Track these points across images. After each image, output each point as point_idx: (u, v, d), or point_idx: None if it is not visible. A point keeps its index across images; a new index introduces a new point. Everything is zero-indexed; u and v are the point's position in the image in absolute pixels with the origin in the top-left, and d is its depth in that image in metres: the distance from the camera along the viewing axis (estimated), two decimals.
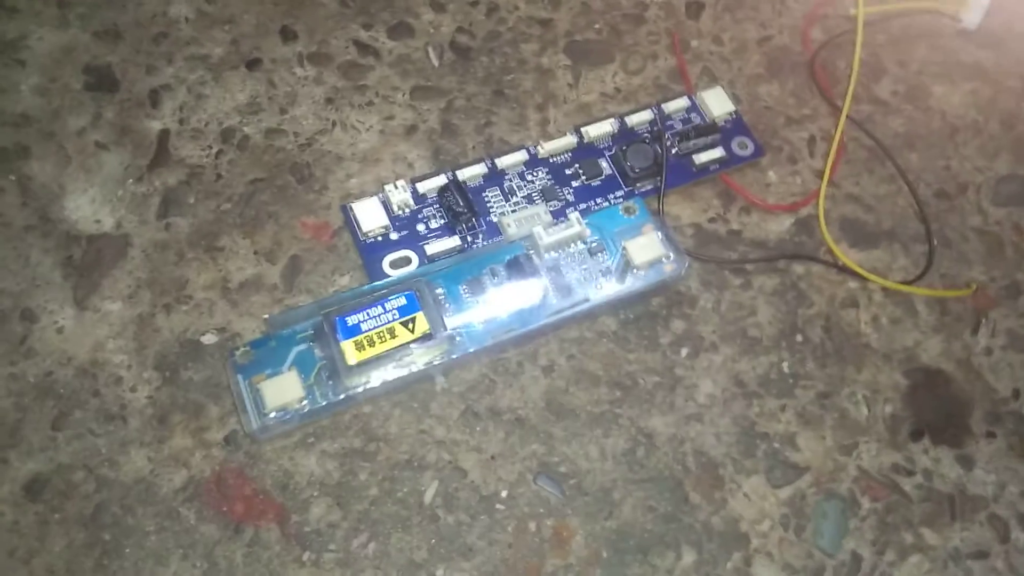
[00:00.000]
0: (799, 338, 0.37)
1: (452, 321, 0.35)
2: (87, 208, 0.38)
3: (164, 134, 0.40)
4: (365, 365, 0.33)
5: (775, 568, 0.34)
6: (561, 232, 0.36)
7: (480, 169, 0.39)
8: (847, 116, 0.41)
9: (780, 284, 0.38)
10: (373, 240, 0.37)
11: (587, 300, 0.36)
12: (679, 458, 0.35)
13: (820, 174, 0.41)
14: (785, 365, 0.37)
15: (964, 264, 0.40)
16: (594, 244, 0.37)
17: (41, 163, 0.39)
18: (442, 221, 0.38)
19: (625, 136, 0.41)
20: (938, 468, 0.36)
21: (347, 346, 0.33)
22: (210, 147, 0.40)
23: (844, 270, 0.39)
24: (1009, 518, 0.35)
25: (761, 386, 0.36)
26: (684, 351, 0.37)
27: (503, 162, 0.39)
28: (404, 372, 0.34)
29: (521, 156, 0.39)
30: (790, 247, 0.39)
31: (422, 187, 0.38)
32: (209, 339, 0.36)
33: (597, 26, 0.44)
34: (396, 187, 0.37)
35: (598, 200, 0.39)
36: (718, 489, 0.35)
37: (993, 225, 0.41)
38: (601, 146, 0.40)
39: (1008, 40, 0.46)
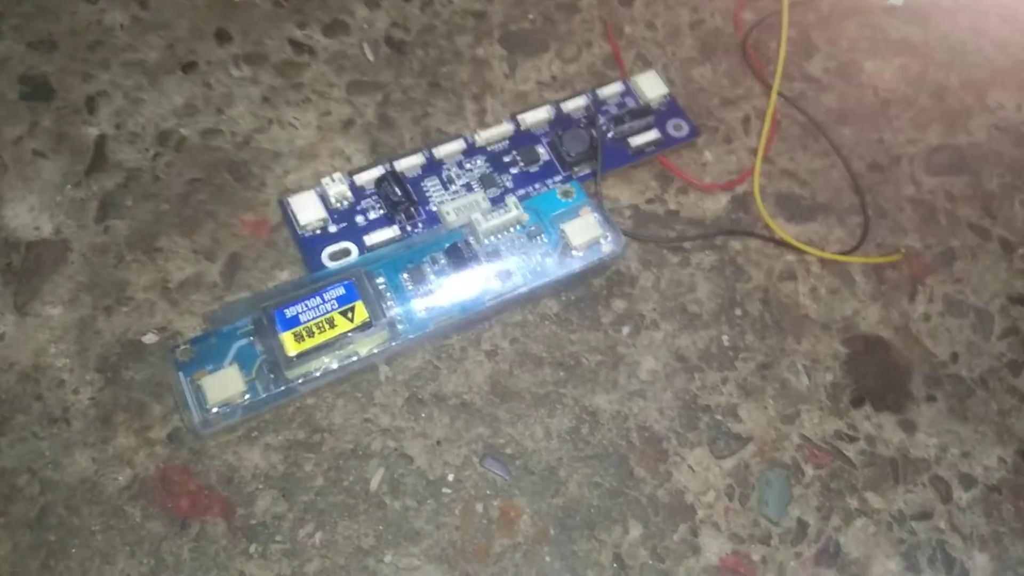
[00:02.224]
0: (738, 312, 0.38)
1: (394, 310, 0.35)
2: (25, 215, 0.38)
3: (101, 139, 0.40)
4: (305, 356, 0.33)
5: (722, 538, 0.34)
6: (499, 217, 0.37)
7: (418, 159, 0.39)
8: (779, 94, 0.42)
9: (718, 260, 0.39)
10: (311, 233, 0.37)
11: (527, 283, 0.36)
12: (623, 434, 0.35)
13: (755, 152, 0.41)
14: (725, 339, 0.37)
15: (899, 233, 0.41)
16: (532, 228, 0.37)
17: None
18: (381, 212, 0.38)
19: (561, 122, 0.41)
20: (880, 433, 0.37)
21: (286, 337, 0.33)
22: (147, 150, 0.40)
23: (781, 243, 0.40)
24: (951, 479, 0.36)
25: (702, 360, 0.37)
26: (626, 329, 0.37)
27: (441, 152, 0.39)
28: (346, 362, 0.34)
29: (459, 145, 0.40)
30: (727, 224, 0.40)
31: (359, 179, 0.38)
32: (150, 339, 0.36)
33: (531, 16, 0.45)
34: (333, 180, 0.38)
35: (536, 186, 0.40)
36: (662, 462, 0.35)
37: (926, 194, 0.42)
38: (538, 133, 0.41)
39: (934, 15, 0.47)
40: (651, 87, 0.42)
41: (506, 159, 0.40)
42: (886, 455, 0.36)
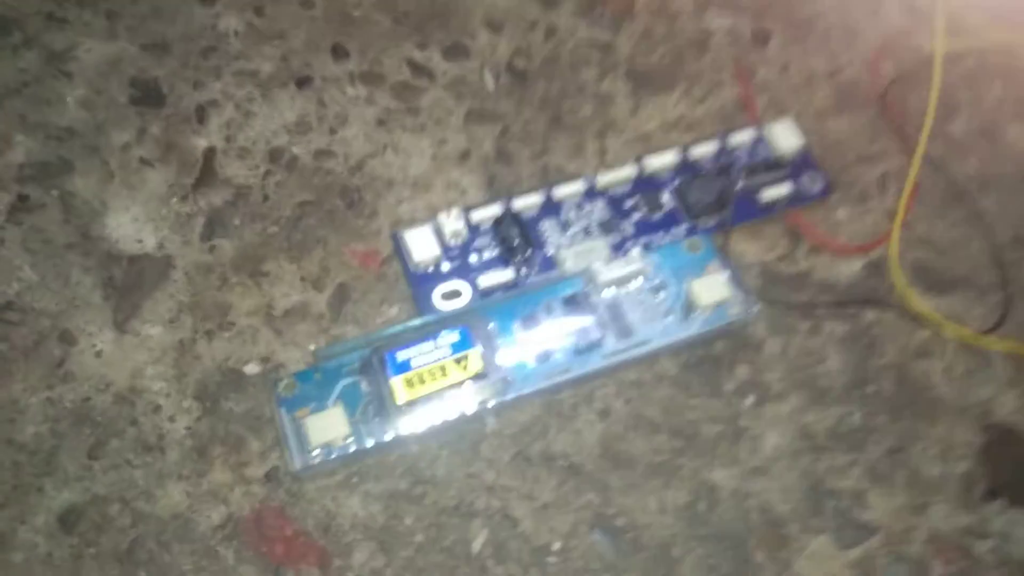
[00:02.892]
0: (870, 389, 0.35)
1: (505, 359, 0.33)
2: (129, 227, 0.37)
3: (210, 152, 0.39)
4: (414, 404, 0.32)
5: None
6: (622, 268, 0.35)
7: (536, 199, 0.37)
8: (922, 154, 0.39)
9: (851, 331, 0.37)
10: (424, 270, 0.36)
11: (647, 341, 0.34)
12: (742, 514, 0.33)
13: (891, 214, 0.39)
14: (855, 417, 0.35)
15: None
16: (656, 282, 0.35)
17: (84, 179, 0.38)
18: (495, 252, 0.36)
19: (687, 168, 0.39)
20: (1013, 532, 0.34)
21: (396, 383, 0.32)
22: (257, 167, 0.39)
23: (916, 318, 0.37)
24: None
25: (830, 439, 0.34)
26: (749, 399, 0.35)
27: (560, 192, 0.37)
28: (454, 413, 0.32)
29: (579, 186, 0.38)
30: (861, 291, 0.37)
31: (476, 216, 0.37)
32: (252, 369, 0.34)
33: (659, 51, 0.43)
34: (449, 216, 0.36)
35: (660, 235, 0.37)
36: (783, 548, 0.33)
37: None
38: (662, 178, 0.39)
39: None
40: (786, 137, 0.39)
41: (627, 204, 0.38)
42: (1018, 556, 0.34)
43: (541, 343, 0.34)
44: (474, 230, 0.37)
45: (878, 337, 0.37)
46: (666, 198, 0.38)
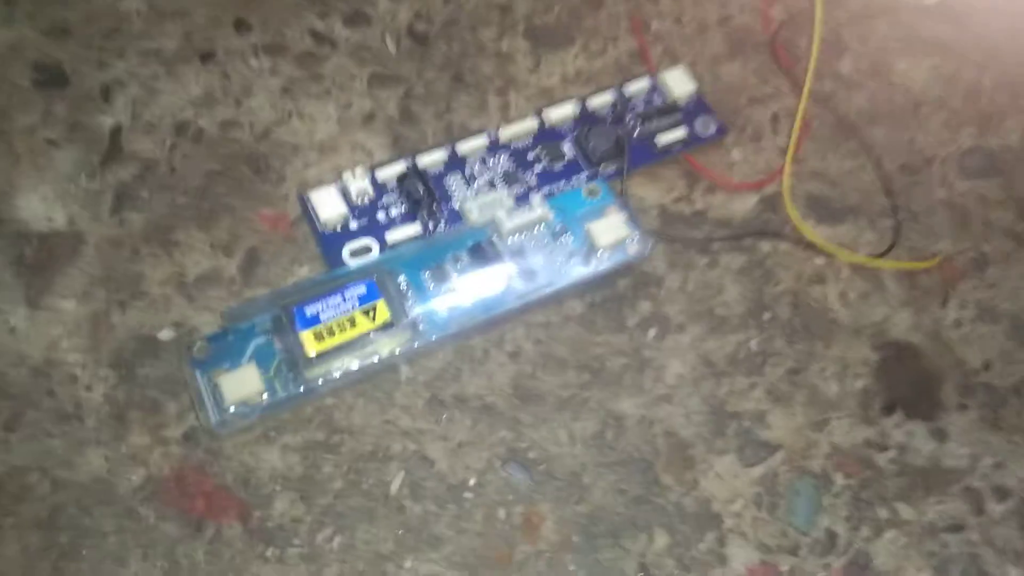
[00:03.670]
0: (767, 316, 0.37)
1: (415, 309, 0.34)
2: (38, 206, 0.37)
3: (117, 129, 0.39)
4: (325, 356, 0.33)
5: (749, 547, 0.33)
6: (524, 216, 0.36)
7: (440, 155, 0.38)
8: (809, 93, 0.41)
9: (747, 262, 0.38)
10: (332, 230, 0.36)
11: (552, 284, 0.35)
12: (649, 440, 0.34)
13: (784, 152, 0.40)
14: (754, 343, 0.36)
15: (931, 237, 0.40)
16: (557, 227, 0.36)
17: None
18: (403, 209, 0.37)
19: (587, 119, 0.40)
20: (911, 442, 0.36)
21: (306, 336, 0.33)
22: (164, 141, 0.39)
23: (811, 246, 0.39)
24: (983, 490, 0.35)
25: (730, 365, 0.36)
26: (652, 332, 0.36)
27: (464, 147, 0.39)
28: (366, 362, 0.33)
29: (482, 141, 0.39)
30: (756, 225, 0.39)
31: (381, 174, 0.37)
32: (166, 335, 0.35)
33: (556, 9, 0.44)
34: (354, 175, 0.37)
35: (561, 184, 0.39)
36: (689, 470, 0.34)
37: (958, 197, 0.41)
38: (563, 129, 0.40)
39: (968, 14, 0.46)
40: (679, 84, 0.41)
41: (530, 156, 0.39)
42: (917, 465, 0.35)
43: (450, 292, 0.35)
44: (380, 188, 0.37)
45: (774, 267, 0.38)
46: (567, 148, 0.39)
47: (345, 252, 0.36)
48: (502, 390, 0.35)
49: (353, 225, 0.37)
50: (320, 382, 0.33)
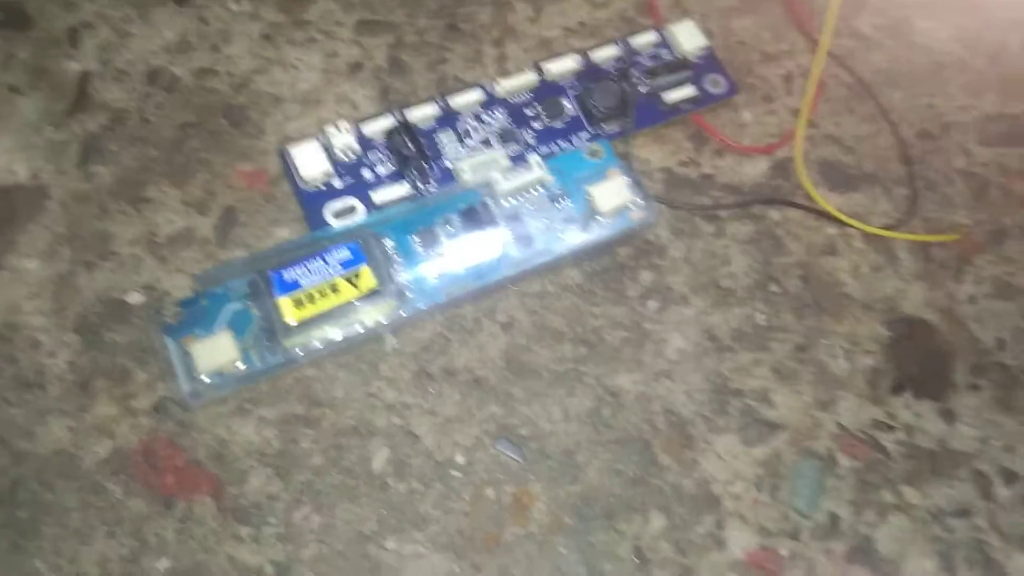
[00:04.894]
0: (775, 288, 0.35)
1: (403, 275, 0.32)
2: (0, 157, 0.35)
3: (84, 76, 0.37)
4: (306, 324, 0.31)
5: (749, 531, 0.32)
6: (521, 177, 0.34)
7: (432, 110, 0.36)
8: (826, 51, 0.39)
9: (755, 231, 0.36)
10: (314, 188, 0.34)
11: (549, 251, 0.33)
12: (647, 417, 0.33)
13: (797, 113, 0.38)
14: (760, 317, 0.35)
15: (948, 208, 0.38)
16: (556, 190, 0.34)
17: None
18: (391, 167, 0.35)
19: (590, 74, 0.38)
20: (920, 423, 0.34)
21: (284, 303, 0.31)
22: (135, 89, 0.36)
23: (823, 215, 0.37)
24: (992, 473, 0.34)
25: (734, 340, 0.34)
26: (653, 304, 0.34)
27: (457, 102, 0.36)
28: (350, 332, 0.31)
29: (477, 95, 0.36)
30: (766, 191, 0.37)
31: (368, 129, 0.35)
32: (135, 298, 0.33)
33: None
34: (339, 129, 0.34)
35: (561, 143, 0.36)
36: (689, 449, 0.32)
37: (979, 167, 0.39)
38: (564, 84, 0.37)
39: None
40: (689, 38, 0.38)
41: (528, 112, 0.37)
42: (925, 447, 0.34)
43: (441, 258, 0.33)
44: (366, 144, 0.35)
45: (783, 237, 0.36)
46: (567, 105, 0.37)
47: (328, 212, 0.34)
48: (493, 363, 0.33)
49: (337, 183, 0.34)
50: (299, 352, 0.31)
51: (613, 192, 0.34)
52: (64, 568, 0.29)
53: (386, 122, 0.35)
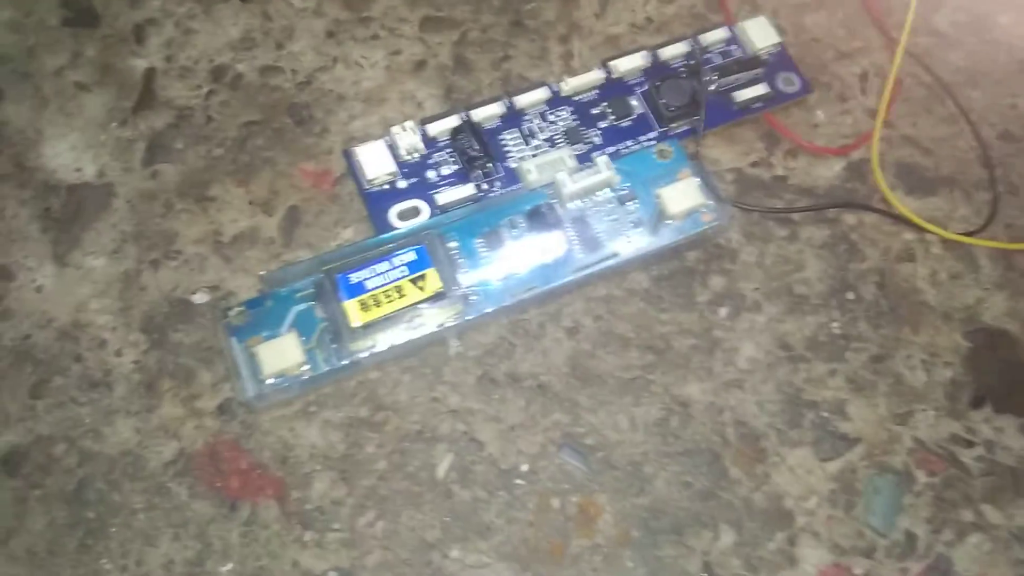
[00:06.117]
0: (850, 295, 0.34)
1: (467, 278, 0.32)
2: (67, 155, 0.35)
3: (150, 73, 0.37)
4: (371, 327, 0.30)
5: (822, 548, 0.31)
6: (587, 178, 0.33)
7: (497, 109, 0.35)
8: (904, 49, 0.37)
9: (830, 235, 0.35)
10: (379, 189, 0.34)
11: (616, 254, 0.32)
12: (717, 429, 0.32)
13: (873, 114, 0.37)
14: (835, 326, 0.33)
15: None
16: (624, 192, 0.33)
17: (16, 106, 0.36)
18: (455, 167, 0.34)
19: (658, 71, 0.37)
20: (1001, 439, 0.33)
21: (351, 306, 0.30)
22: (200, 87, 0.36)
23: (900, 220, 0.35)
24: None
25: (808, 349, 0.33)
26: (723, 310, 0.33)
27: (522, 100, 0.35)
28: (414, 335, 0.31)
29: (542, 94, 0.36)
30: (841, 194, 0.36)
31: (432, 129, 0.34)
32: (200, 298, 0.32)
33: None
34: (404, 129, 0.34)
35: (628, 143, 0.35)
36: (760, 463, 0.31)
37: None
38: (631, 82, 0.36)
39: None
40: (761, 35, 0.37)
41: (594, 111, 0.36)
42: (1006, 464, 0.32)
43: (505, 260, 0.32)
44: (431, 144, 0.35)
45: (859, 242, 0.35)
46: (635, 103, 0.36)
47: (392, 214, 0.33)
48: (558, 369, 0.32)
49: (402, 184, 0.34)
50: (365, 355, 0.30)
51: (684, 194, 0.33)
52: (131, 569, 0.29)
53: (451, 122, 0.35)
